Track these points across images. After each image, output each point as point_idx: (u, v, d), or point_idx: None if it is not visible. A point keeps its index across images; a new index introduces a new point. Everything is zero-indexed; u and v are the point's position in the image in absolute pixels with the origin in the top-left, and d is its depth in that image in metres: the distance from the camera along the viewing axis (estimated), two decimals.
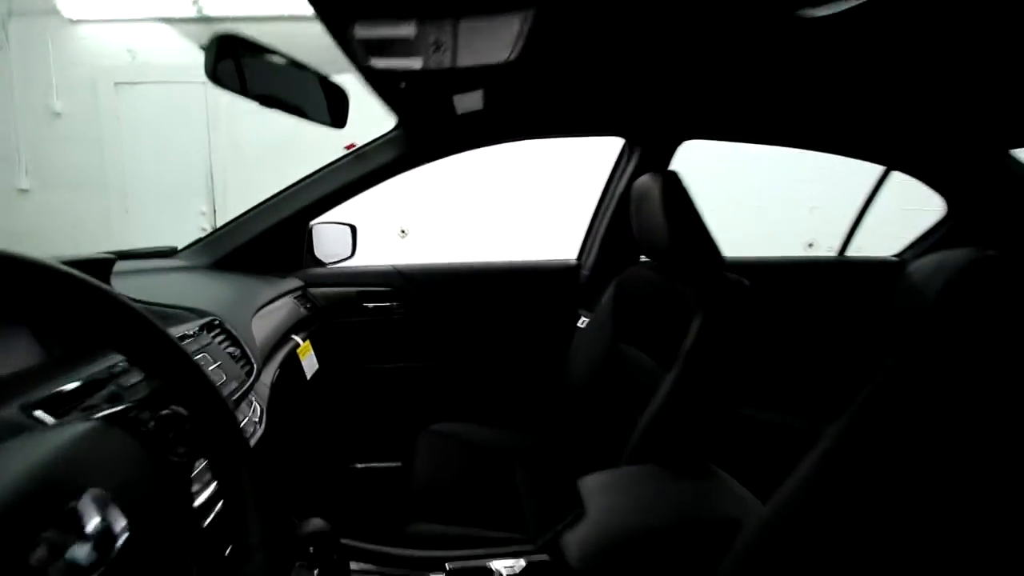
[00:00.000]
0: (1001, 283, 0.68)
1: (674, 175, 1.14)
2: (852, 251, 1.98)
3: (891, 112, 1.40)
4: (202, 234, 1.50)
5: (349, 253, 1.66)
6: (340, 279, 1.66)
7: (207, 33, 0.88)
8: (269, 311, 1.27)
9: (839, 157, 1.70)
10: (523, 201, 4.50)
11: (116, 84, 4.46)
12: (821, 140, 1.68)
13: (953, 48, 0.92)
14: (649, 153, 1.53)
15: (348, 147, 1.43)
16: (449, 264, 1.75)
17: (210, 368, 0.82)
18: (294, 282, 1.50)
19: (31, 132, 4.48)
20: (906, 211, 2.34)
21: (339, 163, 1.47)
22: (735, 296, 1.05)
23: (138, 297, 0.90)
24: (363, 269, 1.69)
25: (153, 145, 4.51)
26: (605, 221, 1.65)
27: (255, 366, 0.97)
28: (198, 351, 0.83)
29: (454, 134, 1.48)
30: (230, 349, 0.94)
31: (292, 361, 1.33)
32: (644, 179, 1.21)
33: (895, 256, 1.96)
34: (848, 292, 1.82)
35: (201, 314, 0.97)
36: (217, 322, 0.97)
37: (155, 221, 4.57)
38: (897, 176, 1.81)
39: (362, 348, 1.69)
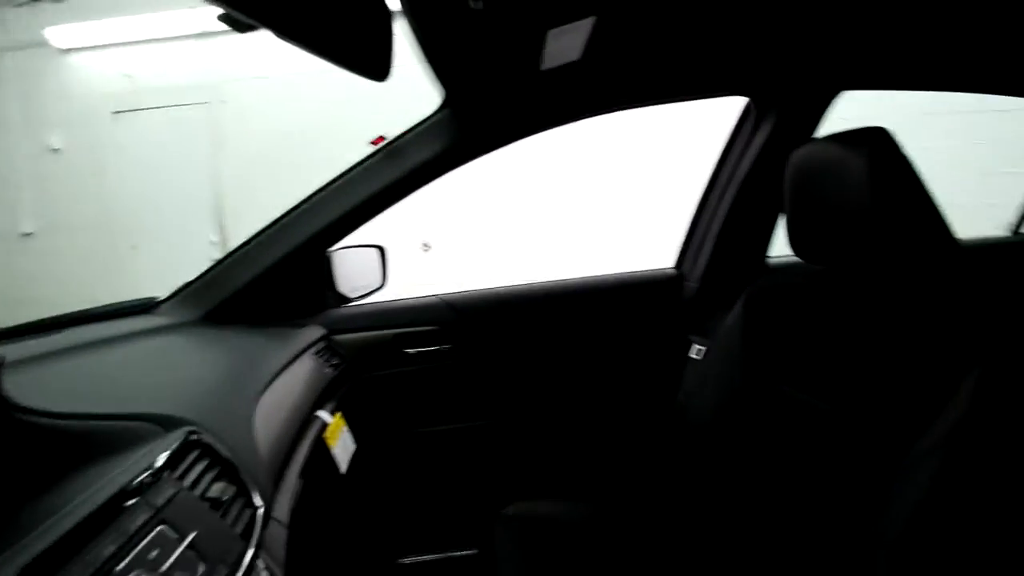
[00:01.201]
0: None
1: (884, 132, 0.74)
2: None
3: None
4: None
5: (380, 283, 1.26)
6: (372, 319, 1.27)
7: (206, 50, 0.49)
8: (283, 383, 0.88)
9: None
10: (566, 202, 4.04)
11: (114, 113, 4.19)
12: (989, 80, 1.25)
13: None
14: (790, 114, 1.11)
15: (375, 142, 1.04)
16: (508, 288, 1.35)
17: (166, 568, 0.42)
18: (314, 332, 1.11)
19: (30, 171, 4.24)
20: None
21: (363, 166, 1.08)
22: None
23: (66, 402, 0.55)
24: (401, 304, 1.30)
25: (157, 174, 4.22)
26: (721, 214, 1.23)
27: (259, 509, 0.57)
28: (144, 532, 0.43)
29: (529, 108, 1.06)
30: (216, 487, 0.54)
31: (319, 450, 0.94)
32: (816, 147, 0.81)
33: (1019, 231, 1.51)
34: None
35: (168, 424, 0.58)
36: (195, 437, 0.57)
37: (166, 254, 4.27)
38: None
39: (406, 407, 1.29)
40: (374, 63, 0.64)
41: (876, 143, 0.74)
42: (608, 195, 3.95)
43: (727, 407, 1.01)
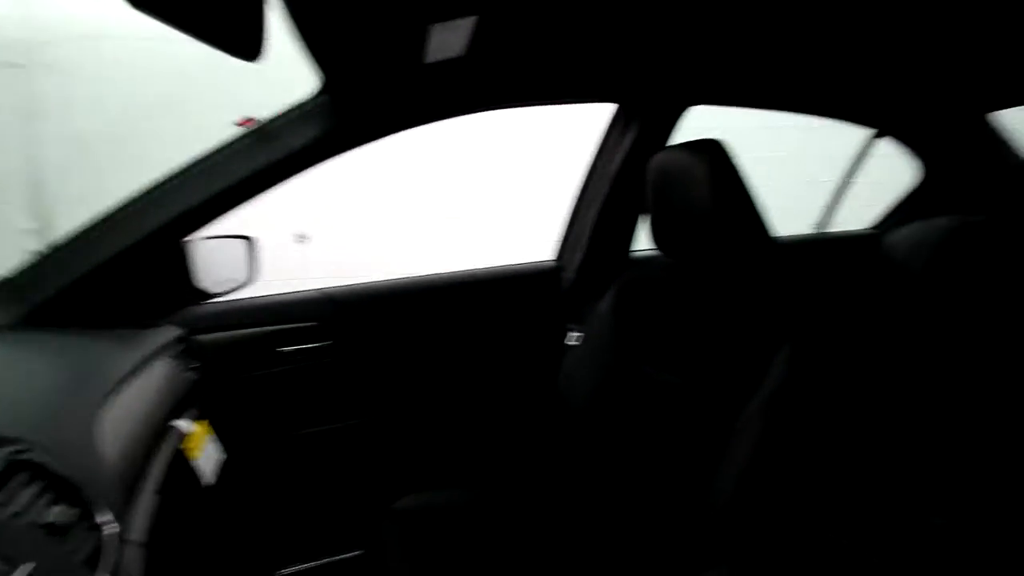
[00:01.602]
0: (988, 248, 0.86)
1: (719, 144, 0.86)
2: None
3: (881, 75, 1.30)
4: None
5: (247, 278, 1.15)
6: (243, 316, 1.17)
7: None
8: (131, 392, 0.77)
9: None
10: (449, 195, 4.02)
11: None
12: (819, 103, 1.51)
13: (935, 11, 0.92)
14: (651, 122, 1.23)
15: (243, 123, 0.95)
16: (390, 281, 1.33)
17: None
18: (168, 332, 0.98)
19: None
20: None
21: (229, 149, 0.98)
22: (829, 317, 0.79)
23: None
24: (277, 299, 1.21)
25: None
26: (595, 209, 1.32)
27: (106, 531, 0.51)
28: None
29: (412, 99, 1.04)
30: (54, 510, 0.47)
31: (180, 462, 0.85)
32: (670, 153, 0.92)
33: (873, 228, 1.87)
34: (828, 267, 1.70)
35: None
36: (21, 457, 0.49)
37: None
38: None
39: (283, 409, 1.21)
40: (244, 41, 0.59)
41: (714, 153, 0.86)
42: (492, 189, 4.02)
43: (600, 388, 1.10)
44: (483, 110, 1.09)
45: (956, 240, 1.52)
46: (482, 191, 4.08)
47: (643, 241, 1.22)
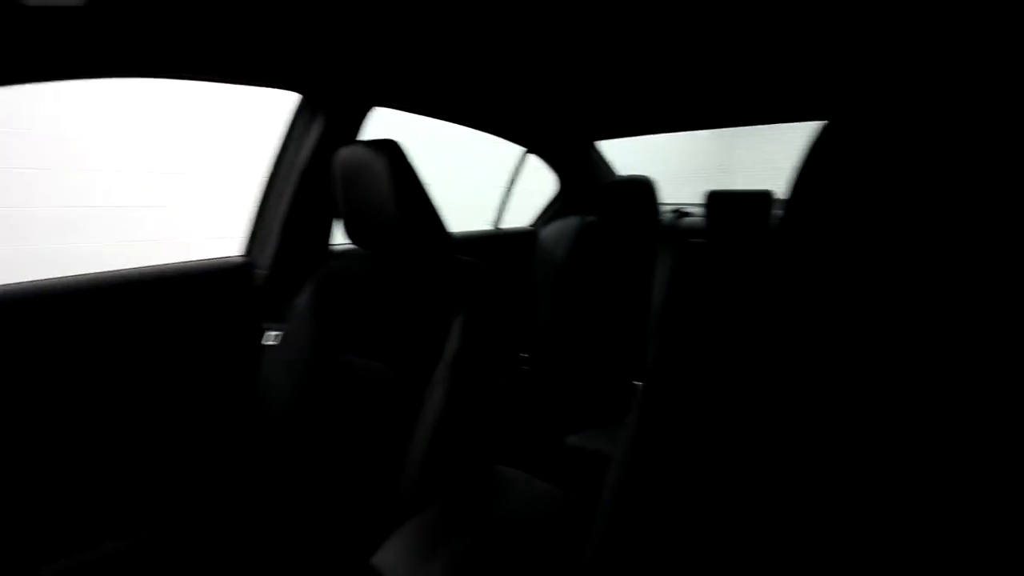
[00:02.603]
0: (604, 239, 1.60)
1: (397, 144, 0.96)
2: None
3: (526, 105, 1.63)
4: None
5: None
6: None
7: None
8: None
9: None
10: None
11: None
12: (484, 121, 1.79)
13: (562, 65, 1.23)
14: (337, 117, 1.25)
15: None
16: (51, 281, 1.01)
17: None
18: None
19: None
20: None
21: None
22: (491, 285, 0.96)
23: None
24: None
25: None
26: (285, 202, 1.28)
27: None
28: None
29: (7, 49, 0.79)
30: None
31: None
32: (355, 149, 0.97)
33: (531, 226, 2.33)
34: (505, 258, 2.06)
35: None
36: None
37: None
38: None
39: None
40: None
41: (393, 152, 0.94)
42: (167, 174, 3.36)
43: (303, 384, 1.07)
44: (121, 76, 0.91)
45: (583, 234, 2.04)
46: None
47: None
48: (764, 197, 1.70)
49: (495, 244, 2.05)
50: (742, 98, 1.51)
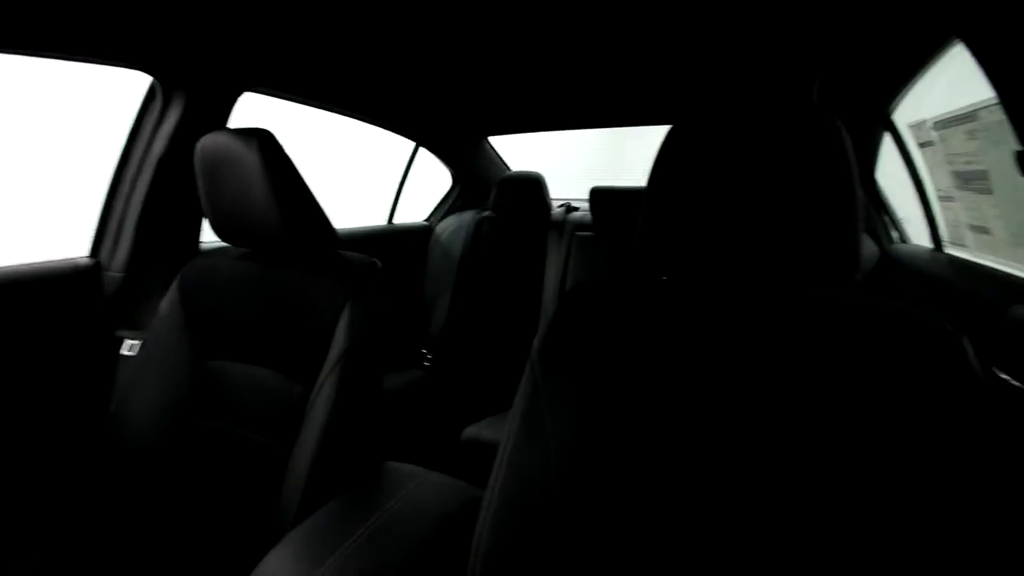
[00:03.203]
0: (499, 233, 1.83)
1: (268, 132, 0.90)
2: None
3: (416, 99, 1.62)
4: None
5: None
6: None
7: None
8: None
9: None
10: None
11: None
12: (371, 112, 1.73)
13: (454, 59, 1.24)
14: (199, 103, 1.14)
15: None
16: None
17: None
18: None
19: None
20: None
21: None
22: (378, 280, 0.94)
23: None
24: None
25: None
26: (139, 197, 1.14)
27: None
28: None
29: None
30: None
31: None
32: (219, 137, 0.90)
33: (426, 221, 2.31)
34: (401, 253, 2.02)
35: None
36: None
37: None
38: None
39: None
40: None
41: (265, 141, 0.87)
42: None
43: (171, 397, 0.97)
44: None
45: (478, 228, 2.05)
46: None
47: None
48: (643, 193, 1.83)
49: (389, 241, 2.00)
50: (626, 100, 1.62)
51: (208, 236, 1.15)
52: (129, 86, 1.13)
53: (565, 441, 0.59)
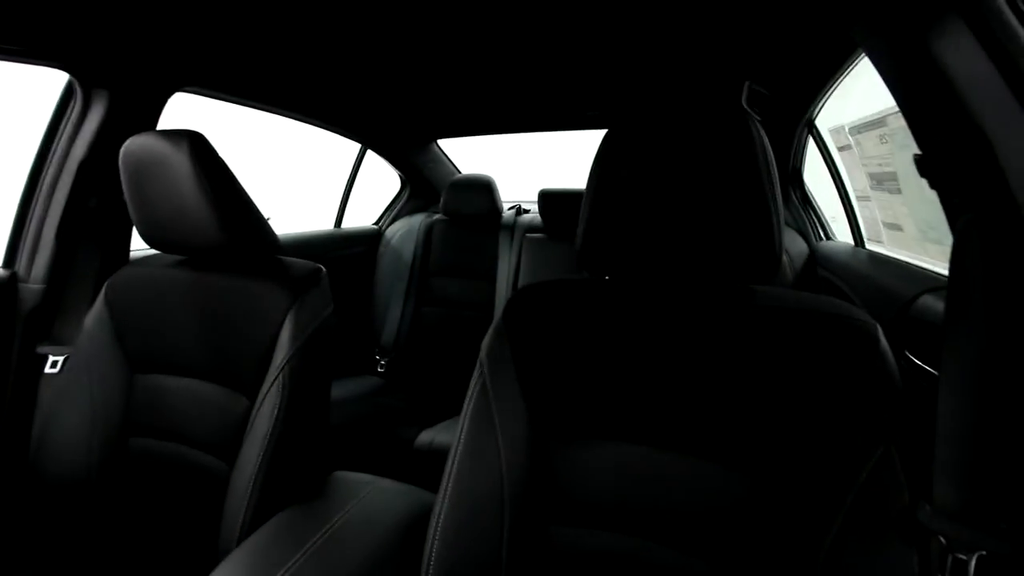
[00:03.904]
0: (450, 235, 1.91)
1: (200, 134, 0.86)
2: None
3: (360, 97, 1.59)
4: None
5: None
6: None
7: None
8: None
9: None
10: None
11: None
12: (313, 113, 1.69)
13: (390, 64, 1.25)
14: (125, 102, 1.07)
15: None
16: None
17: None
18: None
19: None
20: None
21: None
22: (322, 286, 0.92)
23: None
24: None
25: None
26: (59, 203, 1.07)
27: None
28: None
29: None
30: None
31: None
32: (146, 140, 0.85)
33: (375, 224, 2.27)
34: (348, 258, 1.98)
35: None
36: None
37: None
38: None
39: None
40: None
41: (196, 143, 0.83)
42: None
43: (104, 412, 0.92)
44: None
45: (429, 231, 2.04)
46: None
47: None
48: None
49: (337, 246, 1.95)
50: (571, 104, 1.65)
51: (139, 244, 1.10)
52: (46, 81, 1.06)
53: (517, 435, 0.61)
